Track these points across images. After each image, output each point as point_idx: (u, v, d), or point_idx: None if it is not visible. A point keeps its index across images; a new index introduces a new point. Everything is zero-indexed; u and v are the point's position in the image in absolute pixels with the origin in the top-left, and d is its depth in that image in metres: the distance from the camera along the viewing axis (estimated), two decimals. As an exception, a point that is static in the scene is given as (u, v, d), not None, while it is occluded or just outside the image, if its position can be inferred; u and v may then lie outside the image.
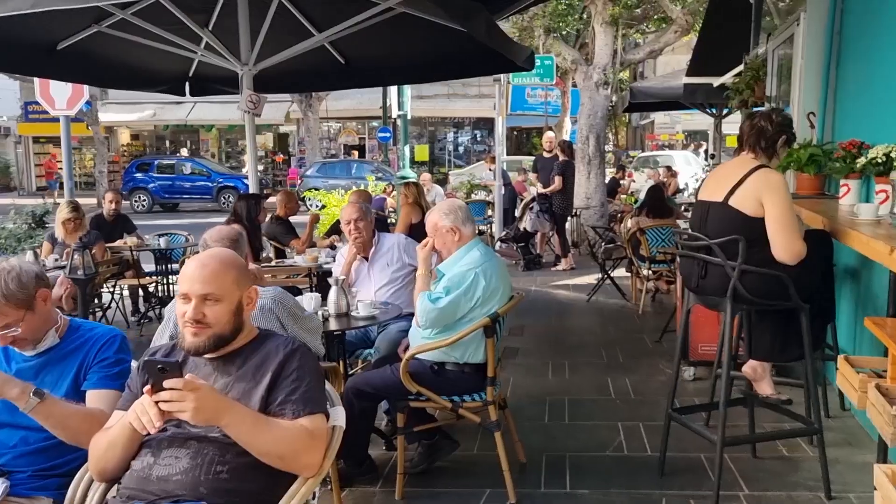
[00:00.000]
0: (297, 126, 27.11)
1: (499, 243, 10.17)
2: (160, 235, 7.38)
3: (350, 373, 4.19)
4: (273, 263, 5.31)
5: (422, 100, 27.85)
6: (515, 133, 31.02)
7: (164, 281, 7.15)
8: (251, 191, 6.13)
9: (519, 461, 3.45)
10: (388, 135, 24.37)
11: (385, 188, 12.05)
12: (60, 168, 24.03)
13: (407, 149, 10.98)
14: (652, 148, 27.44)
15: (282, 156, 29.12)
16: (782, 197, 2.80)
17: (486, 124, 28.97)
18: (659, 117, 27.54)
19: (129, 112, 26.57)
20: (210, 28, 6.30)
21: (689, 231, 3.08)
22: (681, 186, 13.10)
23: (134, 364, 2.14)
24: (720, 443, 2.95)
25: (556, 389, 4.68)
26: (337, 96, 24.86)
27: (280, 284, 4.84)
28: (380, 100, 23.38)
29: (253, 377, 1.88)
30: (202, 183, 22.61)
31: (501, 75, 10.60)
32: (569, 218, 10.09)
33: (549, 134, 10.24)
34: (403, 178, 10.87)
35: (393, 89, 10.87)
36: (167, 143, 31.15)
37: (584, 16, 15.91)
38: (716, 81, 9.44)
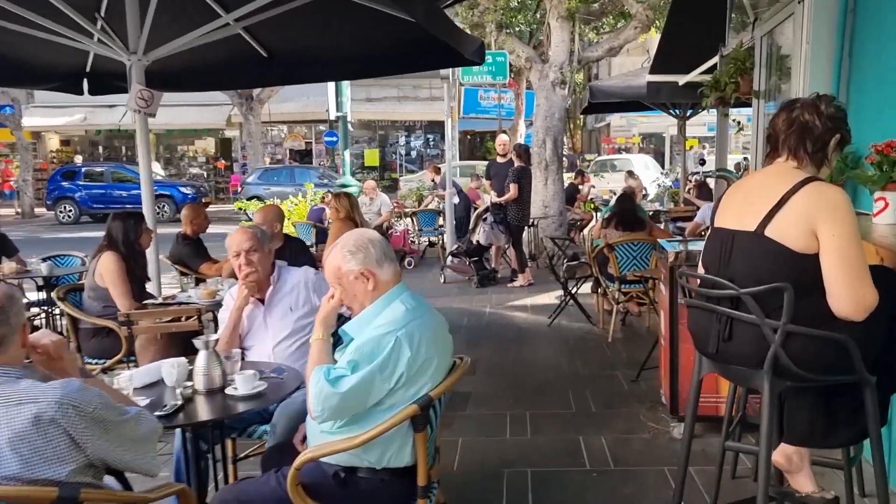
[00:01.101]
0: (240, 130, 25.76)
1: (450, 258, 9.22)
2: (45, 259, 6.20)
3: (240, 457, 3.17)
4: (159, 300, 4.23)
5: (371, 102, 26.82)
6: (469, 137, 30.19)
7: (51, 313, 5.99)
8: (145, 209, 5.04)
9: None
10: (334, 139, 23.25)
11: (324, 196, 10.97)
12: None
13: (348, 154, 9.96)
14: (608, 151, 26.86)
15: (224, 162, 27.70)
16: (847, 224, 1.91)
17: (440, 128, 28.03)
18: (615, 120, 27.02)
19: (57, 116, 24.83)
20: (102, 13, 5.24)
21: (705, 274, 2.15)
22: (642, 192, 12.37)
23: None
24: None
25: (515, 455, 3.73)
26: (281, 98, 23.64)
27: (164, 330, 3.81)
28: (327, 102, 22.24)
29: None
30: (135, 192, 21.12)
31: (450, 74, 9.68)
32: (525, 228, 9.21)
33: (502, 137, 9.35)
34: (344, 185, 9.87)
35: (332, 89, 9.84)
36: (101, 149, 29.39)
37: (539, 15, 15.16)
38: (681, 80, 8.72)
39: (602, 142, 29.93)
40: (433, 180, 12.17)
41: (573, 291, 6.70)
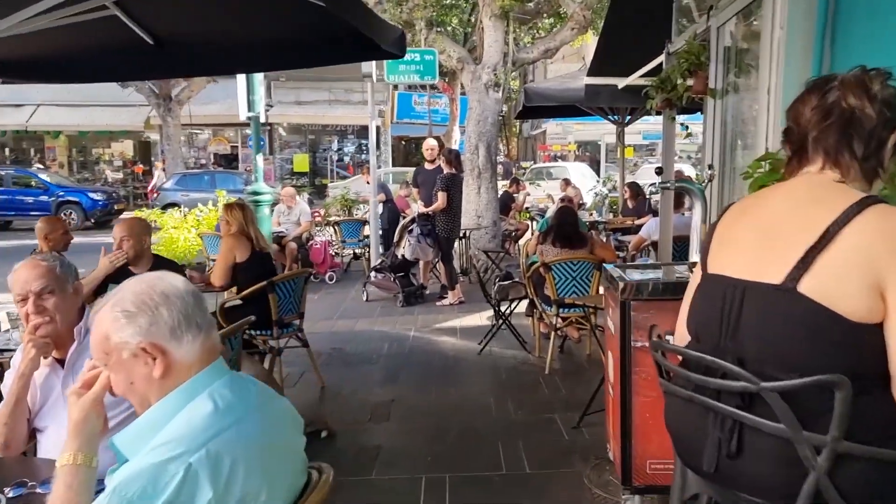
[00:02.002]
0: (160, 133, 24.24)
1: (373, 273, 8.37)
2: None
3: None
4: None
5: (301, 106, 25.72)
6: (403, 143, 29.38)
7: None
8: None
9: None
10: (260, 143, 22.05)
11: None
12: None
13: (261, 159, 8.99)
14: (544, 159, 26.47)
15: (141, 166, 26.07)
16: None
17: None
18: (551, 127, 26.66)
19: (-46, 115, 22.86)
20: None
21: (694, 347, 1.38)
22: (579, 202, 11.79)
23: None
24: None
25: (429, 542, 2.93)
26: (203, 100, 22.30)
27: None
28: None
29: None
30: (43, 198, 19.48)
31: (373, 72, 8.83)
32: (456, 241, 8.44)
33: (430, 142, 8.57)
34: (256, 193, 8.90)
35: (242, 87, 8.86)
36: (7, 151, 27.27)
37: (473, 18, 14.52)
38: (621, 83, 8.14)
39: (538, 149, 29.57)
40: (368, 182, 11.30)
41: (506, 314, 5.95)
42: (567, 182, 11.52)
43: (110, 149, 28.19)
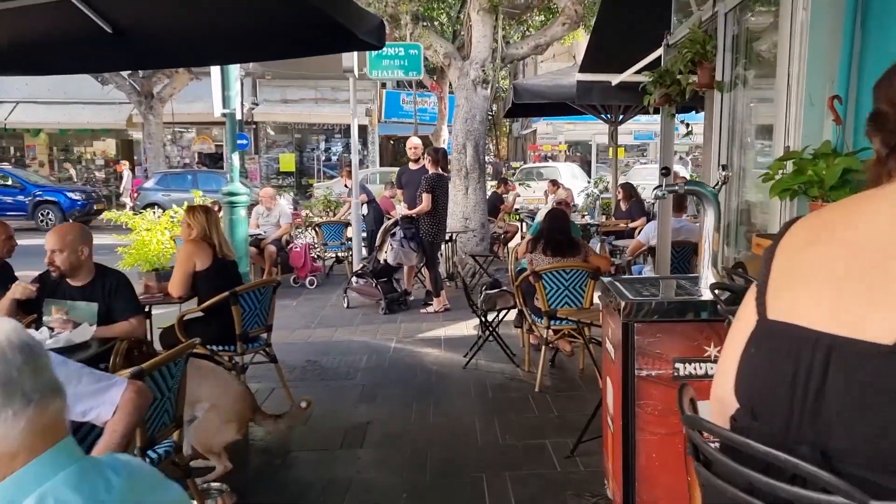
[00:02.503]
0: (143, 132, 23.70)
1: (354, 278, 7.95)
2: None
3: None
4: None
5: (287, 104, 25.26)
6: (392, 142, 28.93)
7: None
8: None
9: None
10: (244, 141, 21.57)
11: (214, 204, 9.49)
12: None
13: (236, 157, 8.54)
14: (534, 159, 26.08)
15: (122, 166, 25.47)
16: None
17: (362, 132, 26.72)
18: (541, 126, 26.27)
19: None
20: None
21: (742, 417, 0.97)
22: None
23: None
24: None
25: None
26: (187, 97, 21.77)
27: None
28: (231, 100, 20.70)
29: None
30: (20, 197, 18.93)
31: (354, 65, 8.41)
32: (442, 244, 8.03)
33: (413, 140, 8.14)
34: (231, 194, 8.45)
35: (217, 81, 8.40)
36: (-15, 149, 26.67)
37: (462, 15, 14.10)
38: (615, 79, 7.77)
39: (528, 149, 29.18)
40: (346, 185, 10.87)
41: (493, 325, 5.54)
42: (555, 183, 11.12)
43: (92, 147, 27.60)
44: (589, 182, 16.93)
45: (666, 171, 2.74)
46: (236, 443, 3.46)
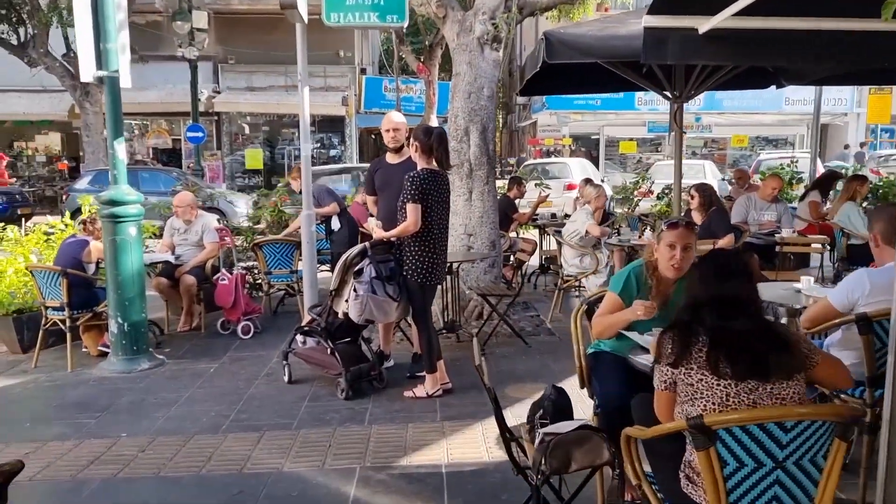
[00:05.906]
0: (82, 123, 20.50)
1: (300, 337, 5.02)
2: None
3: None
4: None
5: (253, 92, 22.20)
6: (374, 136, 25.86)
7: None
8: None
9: None
10: (199, 134, 18.52)
11: (84, 221, 6.49)
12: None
13: (121, 149, 5.58)
14: (535, 155, 23.13)
15: (66, 162, 22.32)
16: None
17: (337, 125, 23.71)
18: (543, 117, 23.26)
19: None
20: None
21: None
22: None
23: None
24: None
25: None
26: (136, 85, 18.63)
27: None
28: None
29: None
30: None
31: (303, 5, 5.41)
32: (438, 286, 5.02)
33: (393, 118, 5.16)
34: (112, 202, 5.47)
35: (85, 29, 5.41)
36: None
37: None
38: (702, 27, 4.85)
39: (527, 143, 26.18)
40: (295, 191, 7.88)
41: (556, 487, 2.63)
42: (589, 182, 8.18)
43: (34, 142, 24.36)
44: (603, 180, 14.07)
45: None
46: None
